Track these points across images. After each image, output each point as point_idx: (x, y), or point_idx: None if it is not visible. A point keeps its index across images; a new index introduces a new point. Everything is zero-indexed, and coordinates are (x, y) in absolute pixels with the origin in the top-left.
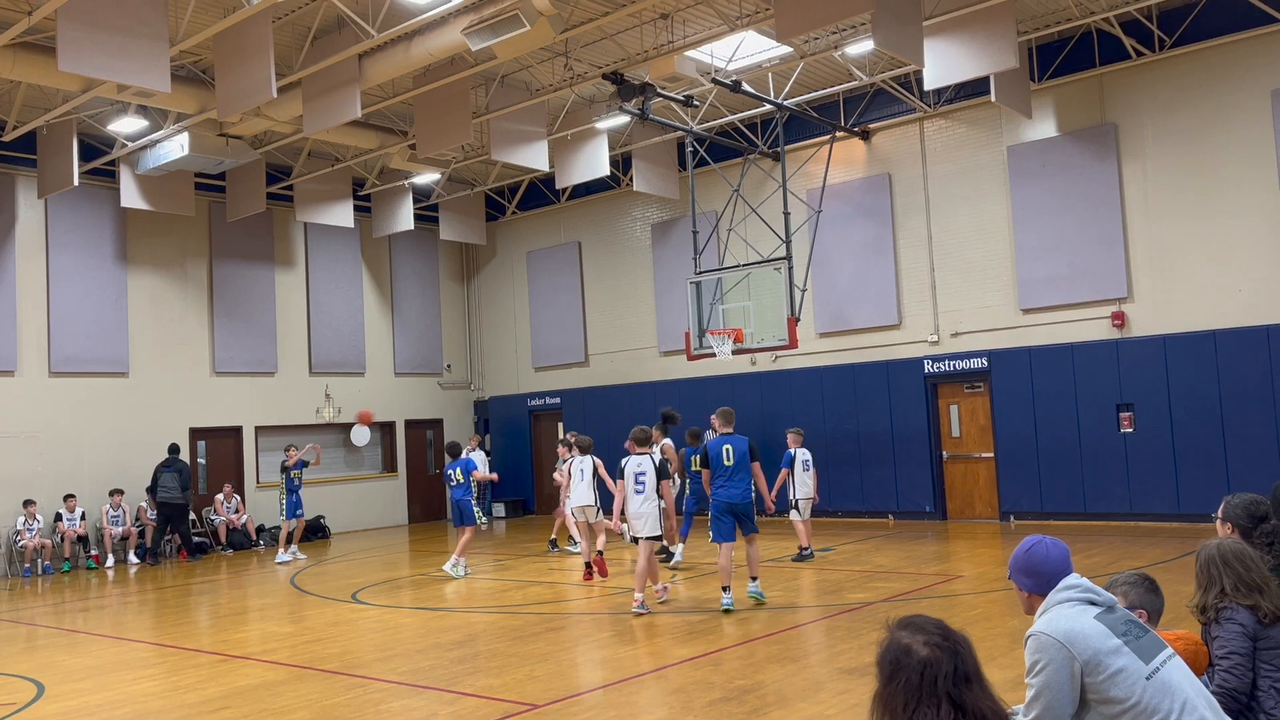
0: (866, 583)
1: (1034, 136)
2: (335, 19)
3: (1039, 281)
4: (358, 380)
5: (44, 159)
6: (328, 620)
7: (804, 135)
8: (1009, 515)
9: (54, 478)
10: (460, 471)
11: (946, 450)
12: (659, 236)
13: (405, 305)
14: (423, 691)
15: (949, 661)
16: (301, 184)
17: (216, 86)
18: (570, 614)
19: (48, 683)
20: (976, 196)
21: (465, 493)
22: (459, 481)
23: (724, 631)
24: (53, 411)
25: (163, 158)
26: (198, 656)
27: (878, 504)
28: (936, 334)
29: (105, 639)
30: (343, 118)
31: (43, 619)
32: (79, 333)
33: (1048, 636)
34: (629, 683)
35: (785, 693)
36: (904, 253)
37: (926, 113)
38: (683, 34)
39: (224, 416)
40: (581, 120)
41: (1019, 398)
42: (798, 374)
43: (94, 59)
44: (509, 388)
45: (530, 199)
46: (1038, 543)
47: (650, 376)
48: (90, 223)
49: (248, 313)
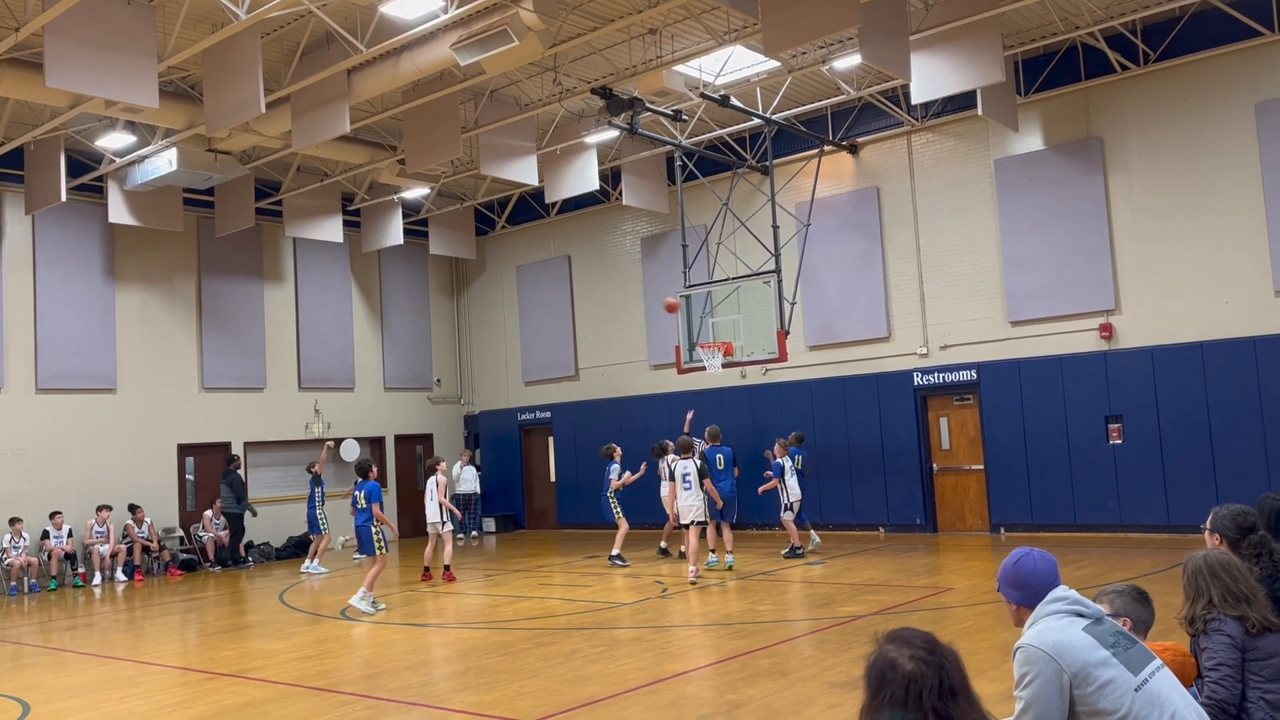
0: (857, 596)
1: (1021, 150)
2: (324, 34)
3: (1027, 294)
4: (347, 395)
5: (31, 175)
6: (316, 637)
7: (792, 149)
8: (999, 527)
9: (41, 495)
10: (364, 495)
11: (936, 463)
12: (649, 250)
13: (395, 320)
14: (411, 709)
15: (934, 675)
16: (290, 199)
17: (205, 102)
18: (560, 629)
19: (33, 702)
20: (964, 209)
21: (366, 519)
22: (361, 506)
23: (714, 646)
24: (40, 428)
25: (151, 173)
26: (185, 675)
27: (868, 517)
28: (926, 346)
29: (92, 657)
30: (332, 133)
31: (29, 638)
32: (66, 349)
33: (1036, 649)
34: (619, 698)
35: (776, 707)
36: (893, 266)
37: (914, 126)
38: (671, 49)
39: (213, 432)
40: (571, 135)
41: (1008, 410)
42: (788, 387)
43: (82, 75)
44: (499, 402)
45: (520, 213)
46: (1025, 555)
47: (641, 390)
48: (78, 238)
49: (236, 328)
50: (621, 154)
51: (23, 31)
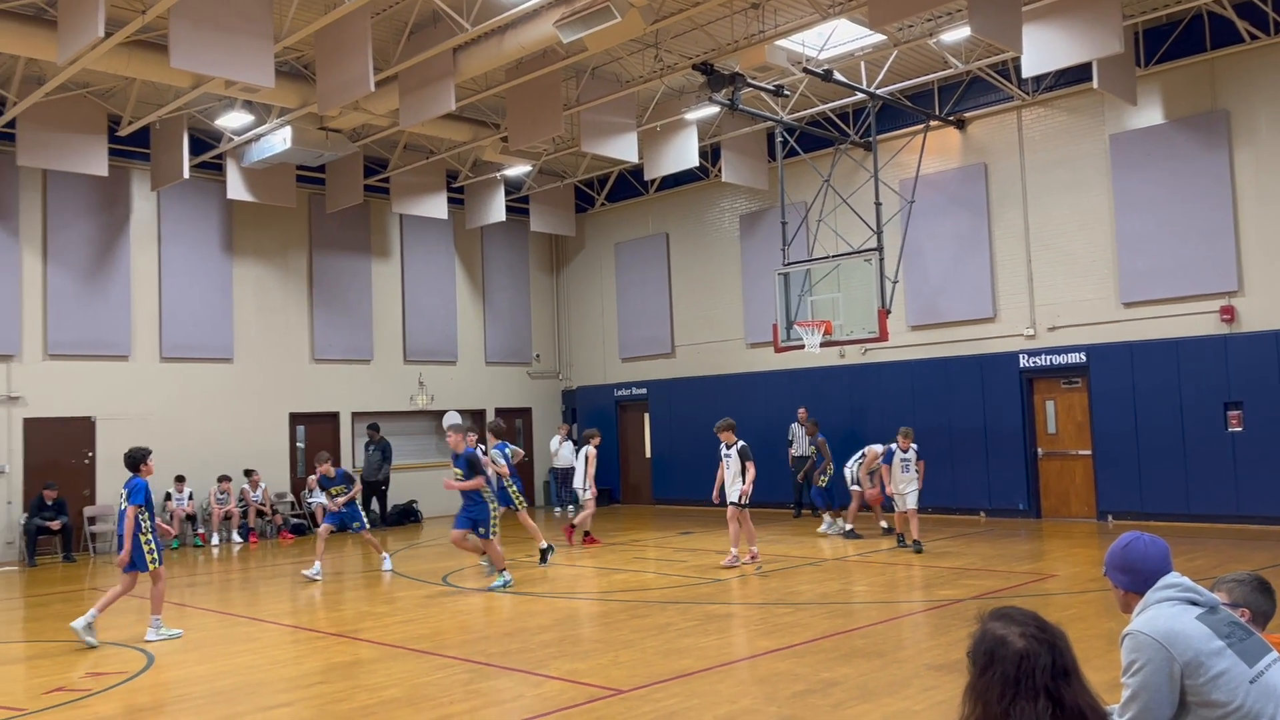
0: (956, 580)
1: (1139, 124)
2: (431, 13)
3: (1142, 274)
4: (450, 369)
5: (156, 153)
6: (418, 602)
7: (897, 124)
8: (1107, 515)
9: (162, 459)
10: (125, 495)
11: (1042, 447)
12: (747, 227)
13: (496, 295)
14: (509, 673)
15: (1046, 654)
16: (397, 176)
17: (317, 81)
18: (654, 603)
19: (157, 654)
20: (1077, 187)
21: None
22: (122, 507)
23: (809, 625)
24: (163, 396)
25: (266, 151)
26: (296, 633)
27: (969, 501)
28: (1033, 327)
29: (210, 613)
30: (437, 111)
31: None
32: (188, 321)
33: (1146, 636)
34: (712, 671)
35: (870, 687)
36: (1000, 244)
37: (1025, 101)
38: (774, 23)
39: (322, 402)
40: (671, 111)
41: (1119, 394)
42: (887, 367)
43: (204, 56)
44: (596, 378)
45: (619, 190)
46: (1135, 539)
47: (736, 368)
48: (199, 214)
49: (345, 302)
50: (721, 130)
51: (149, 14)
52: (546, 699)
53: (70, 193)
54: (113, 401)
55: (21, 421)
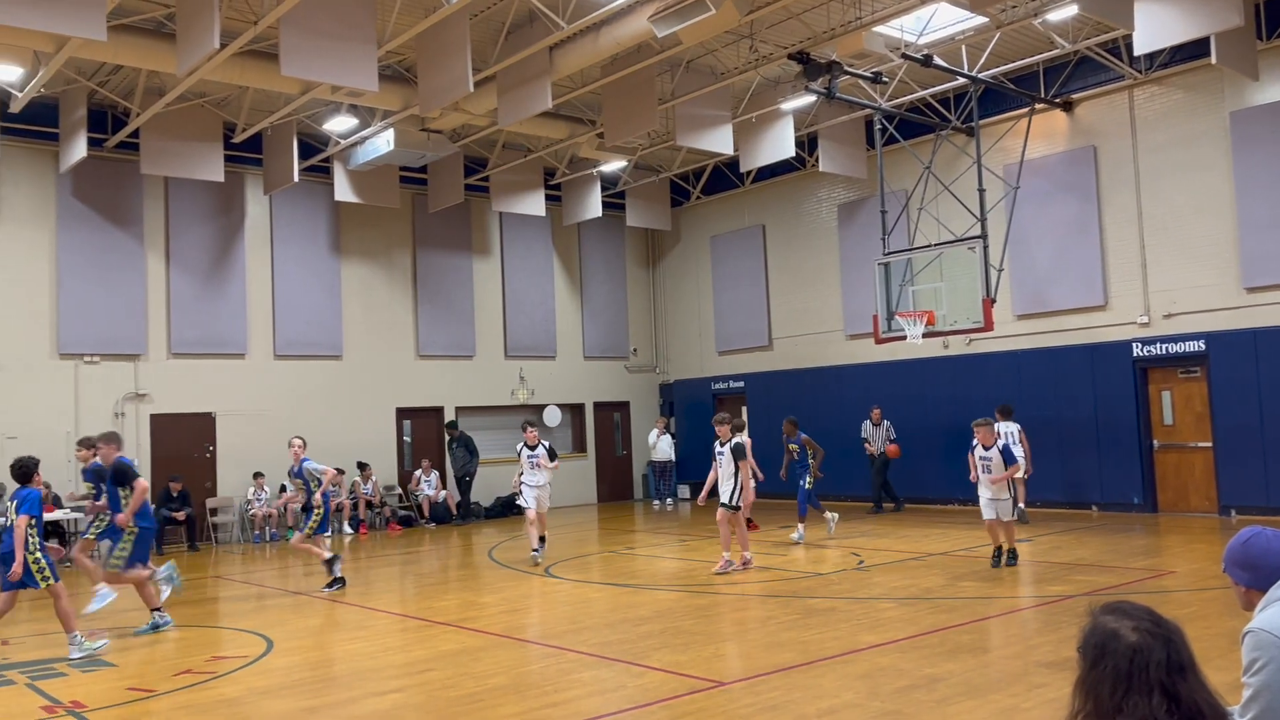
0: (1066, 575)
1: (1261, 100)
2: (527, 13)
3: (1266, 257)
4: (549, 364)
5: (269, 158)
6: (522, 592)
7: (1000, 108)
8: (1229, 509)
9: (278, 452)
10: (14, 507)
11: (1158, 439)
12: (845, 217)
13: (593, 291)
14: (611, 663)
15: (1161, 649)
16: (497, 175)
17: (419, 84)
18: (755, 596)
19: (276, 639)
20: (1194, 168)
21: (9, 543)
22: (11, 522)
23: (913, 620)
24: (277, 391)
25: (371, 153)
26: (405, 621)
27: (1080, 495)
28: (1147, 315)
29: (324, 601)
30: (535, 109)
31: (270, 581)
32: (300, 319)
33: (1268, 634)
34: (815, 665)
35: (976, 683)
36: (1110, 229)
37: (1136, 80)
38: (871, 9)
39: (426, 397)
40: (766, 102)
41: (1242, 383)
42: (993, 357)
43: (312, 63)
44: (693, 371)
45: (714, 183)
46: (1257, 534)
47: (835, 360)
48: (308, 216)
49: (448, 299)
50: (818, 119)
51: (260, 24)
52: (648, 690)
53: (189, 198)
54: (231, 398)
55: (149, 418)
